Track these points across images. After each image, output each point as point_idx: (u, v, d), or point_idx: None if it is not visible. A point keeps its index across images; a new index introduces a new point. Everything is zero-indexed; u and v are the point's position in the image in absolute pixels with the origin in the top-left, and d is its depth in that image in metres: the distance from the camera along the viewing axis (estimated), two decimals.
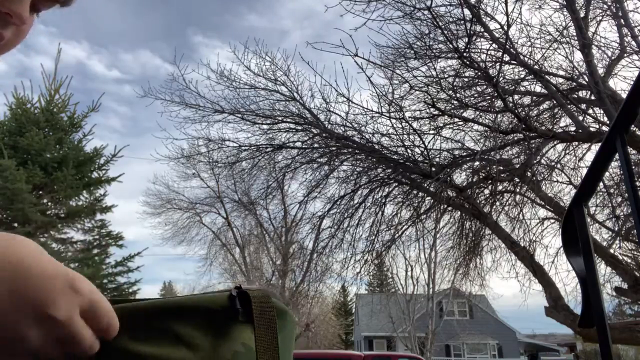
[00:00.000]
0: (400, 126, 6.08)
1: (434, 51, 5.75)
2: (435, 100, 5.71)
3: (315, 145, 6.94)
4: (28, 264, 0.42)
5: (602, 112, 5.41)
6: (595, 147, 5.13)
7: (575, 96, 5.90)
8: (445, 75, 5.84)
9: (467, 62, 5.34)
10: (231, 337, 0.56)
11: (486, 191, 6.59)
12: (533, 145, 5.73)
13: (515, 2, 5.35)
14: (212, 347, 0.54)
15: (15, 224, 8.52)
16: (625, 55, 5.66)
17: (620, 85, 7.54)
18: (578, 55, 5.60)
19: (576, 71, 5.67)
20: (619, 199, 5.49)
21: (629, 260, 5.75)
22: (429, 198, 6.55)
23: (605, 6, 5.75)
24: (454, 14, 5.43)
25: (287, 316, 0.62)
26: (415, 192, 6.64)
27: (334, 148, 6.70)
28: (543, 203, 5.94)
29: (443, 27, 5.26)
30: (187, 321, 0.54)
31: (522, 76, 5.82)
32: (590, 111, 5.86)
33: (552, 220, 6.36)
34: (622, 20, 5.49)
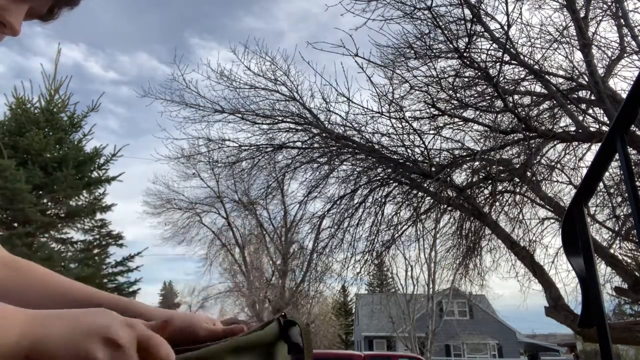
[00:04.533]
0: (400, 126, 6.08)
1: (434, 51, 5.75)
2: (435, 100, 5.71)
3: (315, 145, 6.94)
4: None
5: (602, 112, 5.41)
6: (595, 147, 5.13)
7: (575, 96, 5.89)
8: (445, 75, 5.83)
9: (467, 62, 5.34)
10: (277, 356, 0.71)
11: (486, 191, 6.58)
12: (533, 145, 5.73)
13: (515, 2, 5.36)
14: None
15: (15, 224, 8.52)
16: (625, 55, 5.65)
17: (620, 85, 7.53)
18: (578, 55, 5.60)
19: (576, 71, 5.67)
20: (619, 199, 5.49)
21: (629, 260, 5.75)
22: (428, 198, 6.55)
23: (605, 6, 5.74)
24: (454, 13, 5.43)
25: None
26: (415, 192, 6.63)
27: (334, 148, 6.70)
28: (543, 203, 5.93)
29: (443, 27, 5.26)
30: (248, 357, 0.67)
31: (522, 76, 5.82)
32: (590, 111, 5.85)
33: (552, 220, 6.35)
34: (622, 20, 5.49)
